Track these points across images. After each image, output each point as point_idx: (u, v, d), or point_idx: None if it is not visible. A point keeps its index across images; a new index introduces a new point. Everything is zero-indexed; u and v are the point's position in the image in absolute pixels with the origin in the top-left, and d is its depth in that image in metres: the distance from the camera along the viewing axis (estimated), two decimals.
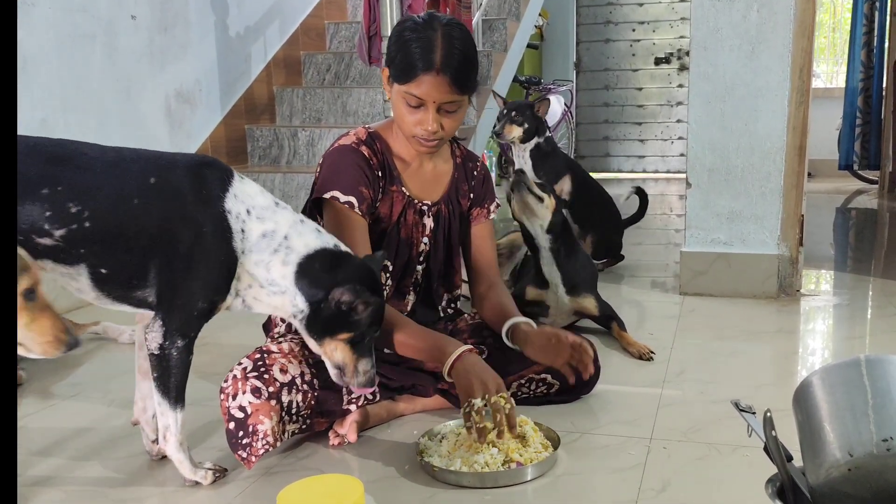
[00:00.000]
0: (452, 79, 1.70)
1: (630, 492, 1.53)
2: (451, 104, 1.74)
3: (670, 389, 2.07)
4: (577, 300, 2.50)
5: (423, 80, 1.70)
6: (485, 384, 1.60)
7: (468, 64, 1.74)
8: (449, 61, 1.69)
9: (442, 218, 1.94)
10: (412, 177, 1.89)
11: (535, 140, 3.44)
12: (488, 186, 2.02)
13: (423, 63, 1.69)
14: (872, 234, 4.61)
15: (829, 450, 1.12)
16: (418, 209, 1.89)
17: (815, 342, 2.61)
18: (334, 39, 4.86)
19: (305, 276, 1.52)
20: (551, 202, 2.44)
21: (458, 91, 1.72)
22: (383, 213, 1.85)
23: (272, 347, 1.73)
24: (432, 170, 1.93)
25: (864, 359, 1.16)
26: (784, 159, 2.87)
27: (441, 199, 1.93)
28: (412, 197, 1.88)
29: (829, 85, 7.62)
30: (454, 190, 1.96)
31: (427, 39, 1.71)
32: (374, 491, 1.54)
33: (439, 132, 1.75)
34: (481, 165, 2.03)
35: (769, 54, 2.83)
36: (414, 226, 1.89)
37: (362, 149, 1.82)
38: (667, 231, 4.48)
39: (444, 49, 1.70)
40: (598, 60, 7.79)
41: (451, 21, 1.77)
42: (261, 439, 1.59)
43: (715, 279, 2.98)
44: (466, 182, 1.98)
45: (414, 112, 1.74)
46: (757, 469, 1.32)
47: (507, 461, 1.57)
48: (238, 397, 1.61)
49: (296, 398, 1.68)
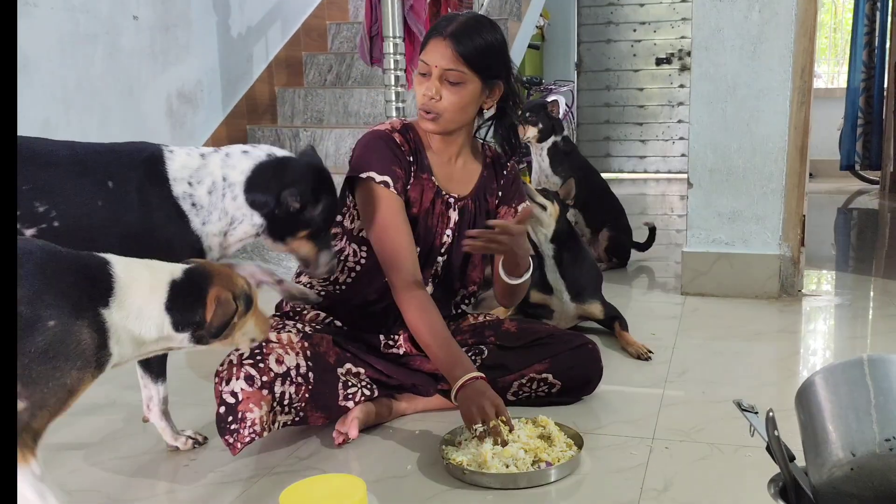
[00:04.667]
0: (456, 44, 1.74)
1: (632, 492, 1.53)
2: (452, 73, 1.75)
3: (672, 389, 2.07)
4: (582, 306, 2.50)
5: (430, 44, 1.77)
6: (483, 410, 1.63)
7: (478, 38, 1.77)
8: (458, 29, 1.75)
9: (468, 213, 1.94)
10: (442, 168, 1.91)
11: (551, 139, 3.54)
12: (517, 187, 2.03)
13: (435, 31, 1.78)
14: (874, 235, 4.60)
15: (831, 449, 1.13)
16: (445, 200, 1.90)
17: (816, 342, 2.61)
18: (336, 40, 4.86)
19: (253, 196, 1.62)
20: (555, 209, 2.44)
21: (462, 60, 1.75)
22: (413, 197, 1.87)
23: (272, 337, 1.73)
24: (462, 165, 1.94)
25: (867, 358, 1.16)
26: (786, 159, 2.87)
27: (469, 195, 1.94)
28: (440, 187, 1.90)
29: (830, 85, 7.61)
30: (482, 188, 1.96)
31: (453, 16, 1.81)
32: (377, 491, 1.54)
33: (436, 101, 1.77)
34: (512, 166, 2.03)
35: (770, 54, 2.83)
36: (440, 216, 1.90)
37: (395, 135, 1.86)
38: (668, 231, 4.48)
39: (459, 21, 1.78)
40: (599, 61, 7.79)
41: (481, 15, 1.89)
42: (248, 427, 1.61)
43: (716, 279, 2.98)
44: (496, 181, 1.99)
45: (423, 81, 1.79)
46: (759, 469, 1.32)
47: (535, 461, 1.59)
48: (231, 382, 1.63)
49: (289, 390, 1.68)
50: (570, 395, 1.97)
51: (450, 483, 1.58)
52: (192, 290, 1.32)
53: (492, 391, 1.69)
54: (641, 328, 2.54)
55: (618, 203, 3.64)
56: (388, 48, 3.04)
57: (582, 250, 2.57)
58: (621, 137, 7.83)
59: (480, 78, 1.79)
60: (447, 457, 1.63)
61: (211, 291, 1.33)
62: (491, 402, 1.65)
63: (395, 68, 3.04)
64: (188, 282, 1.33)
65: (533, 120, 3.50)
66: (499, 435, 1.60)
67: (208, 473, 1.65)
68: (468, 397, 1.66)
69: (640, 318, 2.67)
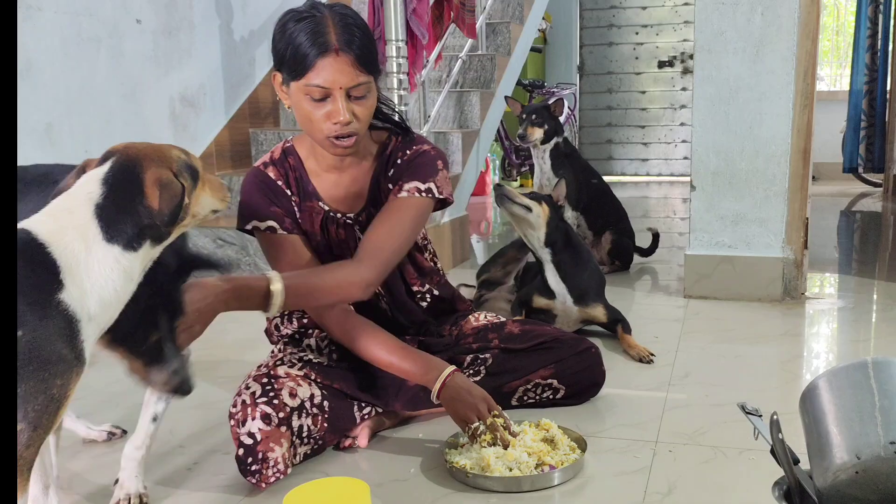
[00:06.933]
0: (356, 57, 1.55)
1: (636, 495, 1.53)
2: (358, 88, 1.57)
3: (676, 392, 2.06)
4: (585, 310, 2.49)
5: (323, 64, 1.53)
6: (476, 408, 1.61)
7: (368, 41, 1.58)
8: (348, 39, 1.54)
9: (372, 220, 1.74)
10: (330, 189, 1.76)
11: (554, 140, 3.54)
12: (414, 166, 1.74)
13: (317, 47, 1.53)
14: (877, 237, 4.60)
15: (836, 452, 1.12)
16: (342, 223, 1.77)
17: (820, 345, 2.61)
18: None
19: None
20: (542, 209, 2.41)
21: (364, 71, 1.57)
22: (308, 229, 1.76)
23: (279, 371, 1.70)
24: (354, 177, 1.77)
25: (871, 361, 1.16)
26: (788, 162, 2.86)
27: (365, 207, 1.78)
28: (331, 210, 1.76)
29: (833, 88, 7.61)
30: (376, 190, 1.77)
31: (317, 23, 1.55)
32: (381, 494, 1.54)
33: (353, 123, 1.58)
34: (416, 149, 1.76)
35: (773, 57, 2.82)
36: (343, 241, 1.78)
37: (269, 170, 1.74)
38: (671, 234, 4.48)
39: (338, 28, 1.55)
40: (601, 64, 7.79)
41: (339, 3, 1.64)
42: (272, 467, 1.57)
43: (719, 282, 2.98)
44: (386, 172, 1.76)
45: (320, 107, 1.57)
46: (763, 472, 1.32)
47: (539, 465, 1.58)
48: (247, 423, 1.58)
49: (306, 422, 1.66)
50: (574, 399, 1.96)
51: (453, 486, 1.57)
52: (124, 197, 1.12)
53: (473, 385, 1.67)
54: (644, 331, 2.54)
55: (620, 206, 3.64)
56: (391, 51, 3.05)
57: (583, 253, 2.56)
58: (623, 140, 7.83)
59: (375, 77, 1.63)
60: (450, 460, 1.62)
61: (147, 177, 1.13)
62: (481, 399, 1.63)
63: (398, 71, 3.04)
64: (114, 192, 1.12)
65: (539, 122, 3.50)
66: (497, 431, 1.59)
67: (213, 477, 1.65)
68: (454, 398, 1.63)
69: (642, 320, 2.67)
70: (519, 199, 2.38)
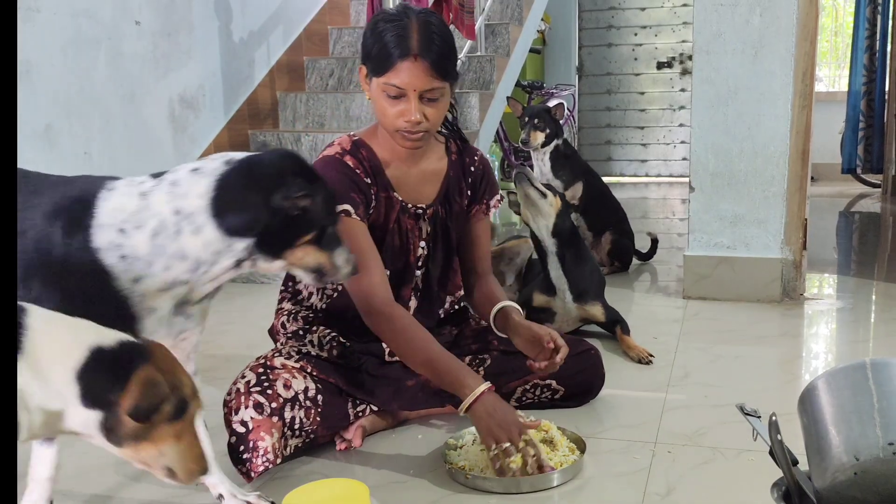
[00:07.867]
0: (432, 63, 1.64)
1: (635, 496, 1.53)
2: (432, 91, 1.67)
3: (675, 393, 2.06)
4: (584, 307, 2.50)
5: (402, 67, 1.64)
6: (509, 431, 1.57)
7: (447, 49, 1.68)
8: (427, 46, 1.64)
9: (439, 220, 1.88)
10: (403, 180, 1.83)
11: (553, 143, 3.55)
12: (488, 180, 1.94)
13: (400, 50, 1.64)
14: (876, 238, 4.60)
15: (835, 453, 1.12)
16: (413, 213, 1.84)
17: (819, 346, 2.61)
18: (337, 44, 4.87)
19: (225, 219, 1.29)
20: (556, 201, 2.44)
21: (439, 77, 1.66)
22: (378, 218, 1.80)
23: (276, 363, 1.71)
24: (423, 171, 1.86)
25: (870, 362, 1.16)
26: (787, 163, 2.87)
27: (436, 201, 1.87)
28: (405, 201, 1.83)
29: (831, 89, 7.61)
30: (449, 189, 1.88)
31: (402, 27, 1.65)
32: (380, 495, 1.54)
33: (423, 123, 1.69)
34: (479, 158, 1.94)
35: (772, 58, 2.83)
36: (410, 231, 1.84)
37: (346, 159, 1.76)
38: (670, 235, 4.48)
39: (420, 34, 1.64)
40: (600, 65, 7.79)
41: (427, 10, 1.73)
42: (261, 455, 1.58)
43: (718, 283, 2.98)
44: (464, 179, 1.91)
45: (395, 104, 1.68)
46: (762, 473, 1.32)
47: None
48: (240, 412, 1.60)
49: (298, 414, 1.67)
50: (573, 400, 1.97)
51: (452, 488, 1.58)
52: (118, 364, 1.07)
53: (510, 407, 1.65)
54: (643, 332, 2.54)
55: (619, 207, 3.65)
56: None
57: (585, 252, 2.58)
58: (622, 141, 7.83)
59: (450, 82, 1.72)
60: (449, 461, 1.63)
61: (140, 372, 1.06)
62: (514, 422, 1.59)
63: None
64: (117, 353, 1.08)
65: (541, 126, 3.52)
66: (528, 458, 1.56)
67: None
68: (488, 413, 1.59)
69: (641, 321, 2.67)
70: (537, 184, 2.43)
